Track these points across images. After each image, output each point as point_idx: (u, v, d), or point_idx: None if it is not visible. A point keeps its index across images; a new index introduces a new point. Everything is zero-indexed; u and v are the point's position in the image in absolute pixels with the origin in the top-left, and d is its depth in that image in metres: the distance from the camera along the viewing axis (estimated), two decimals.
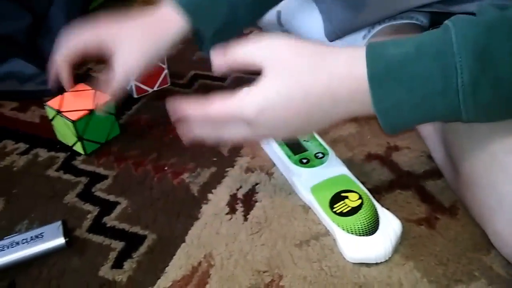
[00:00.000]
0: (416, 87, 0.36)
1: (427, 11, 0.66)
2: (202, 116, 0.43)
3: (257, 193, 0.52)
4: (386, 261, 0.44)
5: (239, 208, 0.50)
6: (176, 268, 0.45)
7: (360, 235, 0.44)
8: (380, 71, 0.37)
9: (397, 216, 0.46)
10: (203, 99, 0.43)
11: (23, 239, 0.46)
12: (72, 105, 0.55)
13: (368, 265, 0.44)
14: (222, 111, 0.42)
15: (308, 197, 0.49)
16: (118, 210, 0.51)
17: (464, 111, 0.37)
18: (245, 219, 0.49)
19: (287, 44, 0.41)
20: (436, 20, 0.68)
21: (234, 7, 0.47)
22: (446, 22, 0.37)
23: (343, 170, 0.51)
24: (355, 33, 0.68)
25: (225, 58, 0.43)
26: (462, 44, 0.35)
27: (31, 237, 0.46)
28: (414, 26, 0.67)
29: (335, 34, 0.66)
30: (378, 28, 0.67)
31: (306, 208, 0.50)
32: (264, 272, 0.44)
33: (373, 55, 0.38)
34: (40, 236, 0.46)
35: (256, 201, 0.51)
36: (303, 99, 0.39)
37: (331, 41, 0.69)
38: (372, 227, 0.45)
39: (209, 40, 0.48)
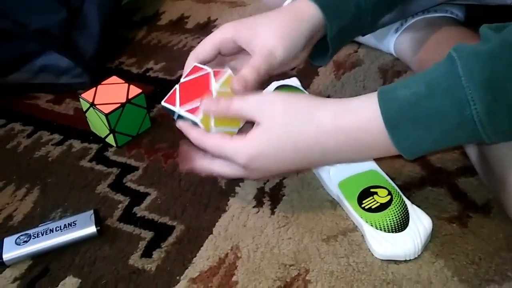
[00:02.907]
0: (432, 124, 0.37)
1: (462, 4, 0.64)
2: (197, 143, 0.45)
3: (284, 187, 0.52)
4: (415, 258, 0.43)
5: (266, 201, 0.50)
6: (204, 259, 0.45)
7: (389, 232, 0.44)
8: (394, 114, 0.38)
9: (427, 213, 0.45)
10: (204, 133, 0.44)
11: (57, 227, 0.47)
12: (106, 98, 0.56)
13: (396, 262, 0.43)
14: (216, 149, 0.43)
15: (336, 192, 0.49)
16: (148, 200, 0.52)
17: (486, 138, 0.37)
18: (272, 212, 0.49)
19: (280, 100, 0.43)
20: (470, 13, 0.66)
21: (360, 7, 0.47)
22: (451, 52, 0.37)
23: (372, 165, 0.50)
24: (387, 27, 0.67)
25: (219, 106, 0.44)
26: (470, 77, 0.35)
27: (65, 225, 0.47)
28: (448, 19, 0.65)
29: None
30: (411, 21, 0.66)
31: (334, 203, 0.49)
32: (290, 266, 0.44)
33: (385, 99, 0.39)
34: (73, 224, 0.47)
35: (283, 195, 0.51)
36: (292, 151, 0.41)
37: (363, 35, 0.68)
38: (401, 224, 0.44)
39: (331, 40, 0.48)
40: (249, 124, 0.45)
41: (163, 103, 0.47)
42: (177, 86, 0.47)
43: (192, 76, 0.47)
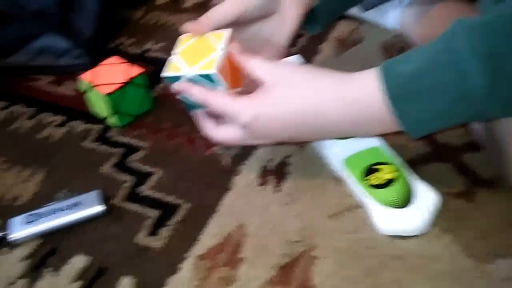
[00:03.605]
0: (435, 97, 0.37)
1: None
2: (201, 99, 0.44)
3: (288, 165, 0.52)
4: (422, 234, 0.43)
5: (271, 179, 0.50)
6: (210, 236, 0.45)
7: (395, 207, 0.44)
8: (397, 89, 0.38)
9: (434, 189, 0.45)
10: (208, 90, 0.44)
11: (65, 206, 0.47)
12: (106, 78, 0.56)
13: (404, 237, 0.44)
14: (221, 106, 0.43)
15: (340, 170, 0.49)
16: (152, 180, 0.51)
17: (491, 111, 0.36)
18: (277, 190, 0.49)
19: (289, 66, 0.44)
20: None
21: None
22: (452, 25, 0.37)
23: (377, 142, 0.50)
24: (390, 1, 0.66)
25: (239, 56, 0.44)
26: (472, 49, 0.35)
27: (72, 204, 0.47)
28: None
29: (371, 3, 0.64)
30: None
31: (339, 181, 0.49)
32: (297, 242, 0.44)
33: (386, 74, 0.38)
34: (80, 203, 0.47)
35: (288, 173, 0.51)
36: (294, 114, 0.41)
37: (365, 10, 0.67)
38: (407, 199, 0.44)
39: (320, 8, 0.47)
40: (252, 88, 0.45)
41: (166, 73, 0.45)
42: (172, 57, 0.46)
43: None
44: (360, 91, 0.40)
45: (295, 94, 0.41)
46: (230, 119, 0.44)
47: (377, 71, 0.39)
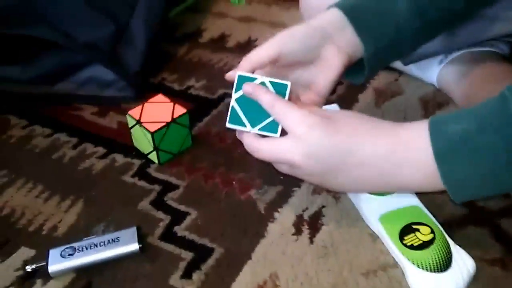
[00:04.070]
0: (481, 161, 0.37)
1: (508, 40, 0.64)
2: (250, 151, 0.46)
3: (323, 216, 0.52)
4: None
5: (305, 230, 0.51)
6: (242, 284, 0.46)
7: (431, 271, 0.43)
8: (444, 148, 0.39)
9: (469, 254, 0.45)
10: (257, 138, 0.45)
11: (101, 242, 0.48)
12: (151, 116, 0.58)
13: None
14: (269, 155, 0.44)
15: (376, 226, 0.49)
16: (188, 220, 0.52)
17: None
18: (311, 241, 0.49)
19: (350, 112, 0.45)
20: None
21: (400, 29, 0.48)
22: (504, 91, 0.38)
23: (415, 201, 0.50)
24: (430, 58, 0.66)
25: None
26: None
27: (109, 240, 0.48)
28: (493, 54, 0.65)
29: (409, 59, 0.65)
30: (456, 54, 0.65)
31: (374, 237, 0.49)
32: None
33: (436, 131, 0.39)
34: (116, 240, 0.48)
35: (323, 224, 0.51)
36: (344, 139, 0.42)
37: (405, 65, 0.68)
38: (444, 264, 0.44)
39: (367, 60, 0.49)
40: None
41: (240, 72, 0.47)
42: (234, 103, 0.47)
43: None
44: (411, 137, 0.41)
45: (353, 124, 0.43)
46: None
47: (426, 126, 0.40)
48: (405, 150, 0.41)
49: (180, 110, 0.59)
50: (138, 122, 0.57)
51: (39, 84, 0.72)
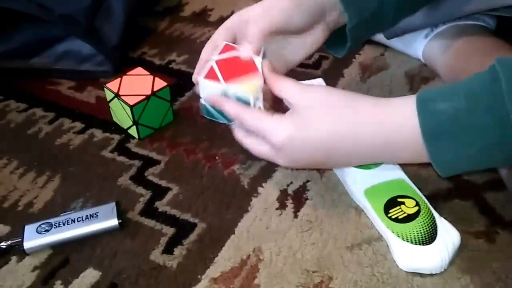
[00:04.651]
0: (471, 140, 0.37)
1: (494, 14, 0.63)
2: (235, 116, 0.44)
3: (308, 190, 0.51)
4: (441, 273, 0.43)
5: (289, 204, 0.50)
6: (225, 259, 0.45)
7: (416, 244, 0.43)
8: (433, 127, 0.38)
9: (454, 227, 0.45)
10: (241, 106, 0.44)
11: (79, 217, 0.47)
12: (130, 89, 0.56)
13: (422, 275, 0.43)
14: (253, 125, 0.43)
15: (361, 200, 0.48)
16: (169, 195, 0.51)
17: None
18: (295, 216, 0.48)
19: (326, 89, 0.44)
20: (502, 23, 0.65)
21: (382, 3, 0.47)
22: (494, 65, 0.36)
23: (400, 174, 0.49)
24: (415, 32, 0.65)
25: (270, 75, 0.45)
26: None
27: (87, 215, 0.47)
28: (479, 28, 0.64)
29: (394, 33, 0.64)
30: (441, 28, 0.64)
31: (359, 211, 0.48)
32: (313, 272, 0.44)
33: (424, 110, 0.38)
34: (95, 215, 0.47)
35: (307, 199, 0.50)
36: (327, 135, 0.41)
37: (389, 39, 0.67)
38: (429, 236, 0.43)
39: (350, 33, 0.47)
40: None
41: (203, 78, 0.45)
42: (212, 63, 0.46)
43: (228, 54, 0.46)
44: (396, 118, 0.39)
45: (332, 117, 0.41)
46: (262, 137, 0.43)
47: (415, 102, 0.38)
48: (392, 133, 0.40)
49: (160, 83, 0.57)
50: (117, 95, 0.55)
51: (14, 58, 0.70)
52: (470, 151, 0.37)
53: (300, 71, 0.67)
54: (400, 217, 0.45)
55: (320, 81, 0.61)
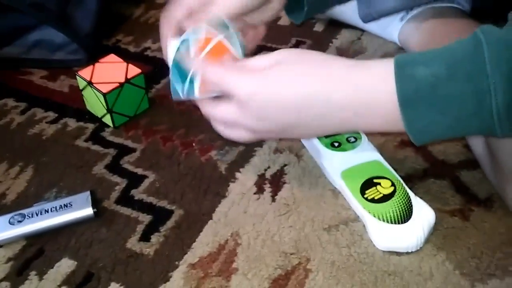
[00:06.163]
0: (448, 109, 0.36)
1: None
2: (199, 66, 0.42)
3: (285, 174, 0.51)
4: (417, 251, 0.43)
5: (267, 188, 0.50)
6: (203, 244, 0.44)
7: (391, 223, 0.43)
8: (411, 94, 0.36)
9: (430, 205, 0.45)
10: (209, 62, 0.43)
11: (52, 207, 0.46)
12: (103, 76, 0.55)
13: (398, 253, 0.43)
14: (216, 76, 0.41)
15: (338, 182, 0.48)
16: (146, 183, 0.50)
17: (500, 130, 0.36)
18: (273, 200, 0.48)
19: (297, 50, 0.42)
20: (477, 4, 0.65)
21: None
22: (477, 32, 0.35)
23: (376, 155, 0.49)
24: (391, 16, 0.65)
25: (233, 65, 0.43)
26: (496, 66, 0.34)
27: (60, 205, 0.46)
28: (455, 9, 0.64)
29: (370, 16, 0.64)
30: (417, 10, 0.64)
31: (336, 193, 0.49)
32: (291, 254, 0.44)
33: (402, 76, 0.36)
34: (69, 205, 0.46)
35: (285, 183, 0.50)
36: (295, 94, 0.39)
37: (365, 22, 0.67)
38: (404, 216, 0.44)
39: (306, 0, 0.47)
40: None
41: (171, 39, 0.45)
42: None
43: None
44: (371, 80, 0.38)
45: (302, 73, 0.39)
46: (226, 93, 0.41)
47: (392, 65, 0.37)
48: (366, 97, 0.38)
49: (134, 70, 0.56)
50: (89, 83, 0.54)
51: None
52: (446, 119, 0.36)
53: None
54: (376, 198, 0.45)
55: None
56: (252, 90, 0.39)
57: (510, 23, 0.37)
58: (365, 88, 0.38)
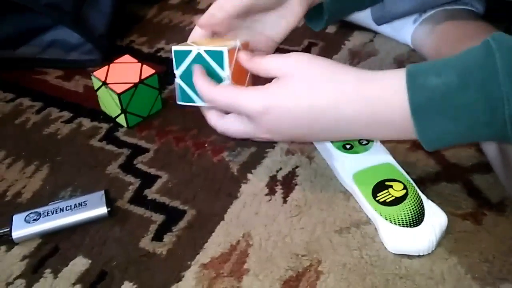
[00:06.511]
0: (461, 118, 0.36)
1: None
2: (207, 96, 0.43)
3: (297, 176, 0.51)
4: (429, 254, 0.43)
5: (279, 190, 0.50)
6: (215, 245, 0.45)
7: (403, 226, 0.43)
8: (423, 103, 0.36)
9: (442, 209, 0.45)
10: (214, 83, 0.43)
11: (67, 206, 0.47)
12: (118, 77, 0.55)
13: (410, 257, 0.43)
14: (227, 99, 0.42)
15: (350, 184, 0.48)
16: (159, 183, 0.51)
17: None
18: (285, 201, 0.49)
19: (305, 58, 0.42)
20: (491, 6, 0.65)
21: None
22: (489, 40, 0.35)
23: (388, 158, 0.49)
24: (404, 18, 0.65)
25: (251, 60, 0.44)
26: (508, 74, 0.34)
27: (75, 204, 0.47)
28: (468, 12, 0.64)
29: (384, 18, 0.64)
30: (430, 12, 0.64)
31: (347, 195, 0.49)
32: (302, 256, 0.44)
33: (414, 85, 0.37)
34: (83, 204, 0.47)
35: (296, 184, 0.50)
36: (308, 108, 0.40)
37: (379, 25, 0.67)
38: (416, 219, 0.44)
39: (327, 6, 0.47)
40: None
41: (176, 47, 0.45)
42: (179, 80, 0.47)
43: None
44: (383, 93, 0.38)
45: (313, 87, 0.40)
46: (238, 111, 0.42)
47: (404, 76, 0.37)
48: (377, 109, 0.39)
49: (148, 71, 0.56)
50: (104, 83, 0.55)
51: (1, 48, 0.69)
52: (459, 127, 0.36)
53: None
54: (388, 200, 0.45)
55: None
56: (264, 108, 0.40)
57: None
58: (376, 102, 0.39)
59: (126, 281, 0.42)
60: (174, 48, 0.45)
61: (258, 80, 0.45)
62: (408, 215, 0.44)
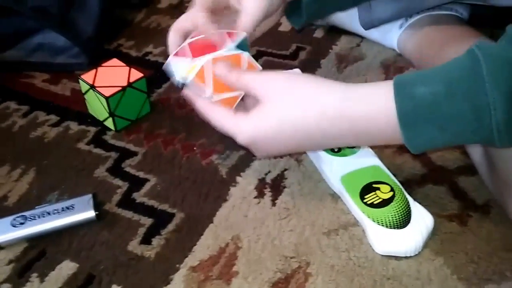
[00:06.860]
0: (447, 126, 0.37)
1: (467, 3, 0.64)
2: (202, 116, 0.45)
3: (285, 179, 0.51)
4: (415, 255, 0.44)
5: (267, 192, 0.50)
6: (204, 248, 0.45)
7: (390, 228, 0.44)
8: (410, 112, 0.37)
9: (428, 210, 0.46)
10: (210, 104, 0.45)
11: (54, 210, 0.46)
12: (106, 80, 0.55)
13: (397, 258, 0.44)
14: (219, 126, 0.44)
15: (338, 186, 0.49)
16: (147, 187, 0.51)
17: (499, 143, 0.36)
18: (273, 204, 0.49)
19: (286, 80, 0.42)
20: (475, 12, 0.66)
21: None
22: (474, 50, 0.36)
23: (375, 161, 0.50)
24: (391, 23, 0.66)
25: (229, 73, 0.44)
26: (495, 84, 0.34)
27: (62, 208, 0.46)
28: (453, 17, 0.65)
29: (371, 23, 0.65)
30: (415, 17, 0.65)
31: (336, 197, 0.49)
32: (291, 258, 0.44)
33: (402, 95, 0.37)
34: (71, 207, 0.47)
35: (285, 187, 0.50)
36: (292, 134, 0.41)
37: (366, 29, 0.67)
38: (403, 220, 0.44)
39: (305, 6, 0.48)
40: (252, 100, 0.45)
41: (172, 56, 0.46)
42: (186, 45, 0.46)
43: (202, 38, 0.46)
44: (368, 112, 0.39)
45: (295, 113, 0.41)
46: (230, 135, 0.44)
47: (390, 87, 0.38)
48: (364, 126, 0.39)
49: (136, 74, 0.56)
50: (92, 86, 0.55)
51: None
52: (446, 134, 0.37)
53: (277, 62, 0.67)
54: (375, 203, 0.46)
55: (297, 71, 0.62)
56: (250, 141, 0.42)
57: (506, 37, 0.37)
58: (361, 122, 0.39)
59: (114, 284, 0.42)
60: (172, 57, 0.47)
61: None
62: (395, 217, 0.44)
